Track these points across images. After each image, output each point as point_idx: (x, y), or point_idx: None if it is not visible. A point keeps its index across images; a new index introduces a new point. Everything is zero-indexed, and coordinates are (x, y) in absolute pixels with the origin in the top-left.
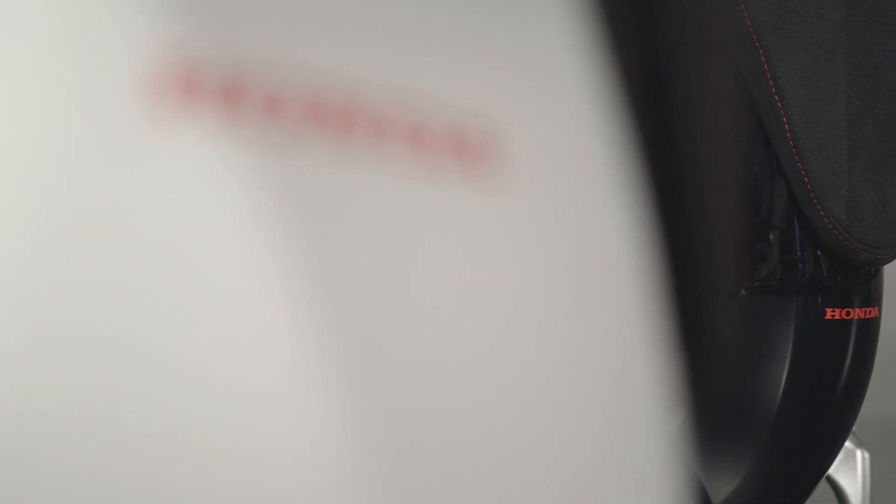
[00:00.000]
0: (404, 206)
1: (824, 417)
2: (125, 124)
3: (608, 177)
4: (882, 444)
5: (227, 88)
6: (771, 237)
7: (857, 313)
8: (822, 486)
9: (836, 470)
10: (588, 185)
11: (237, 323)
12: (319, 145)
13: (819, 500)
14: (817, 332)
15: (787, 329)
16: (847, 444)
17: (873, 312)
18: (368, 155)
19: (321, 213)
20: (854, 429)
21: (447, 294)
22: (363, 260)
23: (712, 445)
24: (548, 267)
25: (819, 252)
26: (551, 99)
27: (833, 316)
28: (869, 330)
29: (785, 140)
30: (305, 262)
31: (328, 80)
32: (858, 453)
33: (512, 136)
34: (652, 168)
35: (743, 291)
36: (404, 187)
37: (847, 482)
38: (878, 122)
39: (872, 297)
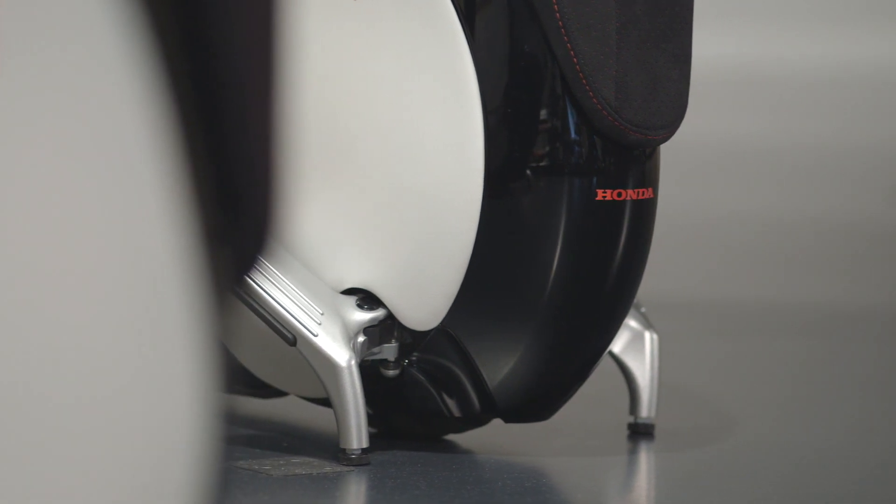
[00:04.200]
0: None
1: (598, 297)
2: None
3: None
4: (673, 326)
5: None
6: (544, 119)
7: (629, 194)
8: (613, 367)
9: (624, 351)
10: (87, 56)
11: None
12: None
13: (608, 380)
14: (589, 212)
15: (558, 210)
16: (635, 325)
17: (647, 193)
18: None
19: None
20: (643, 310)
21: None
22: None
23: (486, 326)
24: (46, 138)
25: (594, 134)
26: None
27: (605, 197)
28: (643, 211)
29: (554, 21)
30: None
31: None
32: (647, 335)
33: None
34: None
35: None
36: None
37: (635, 364)
38: (648, 3)
39: (647, 179)
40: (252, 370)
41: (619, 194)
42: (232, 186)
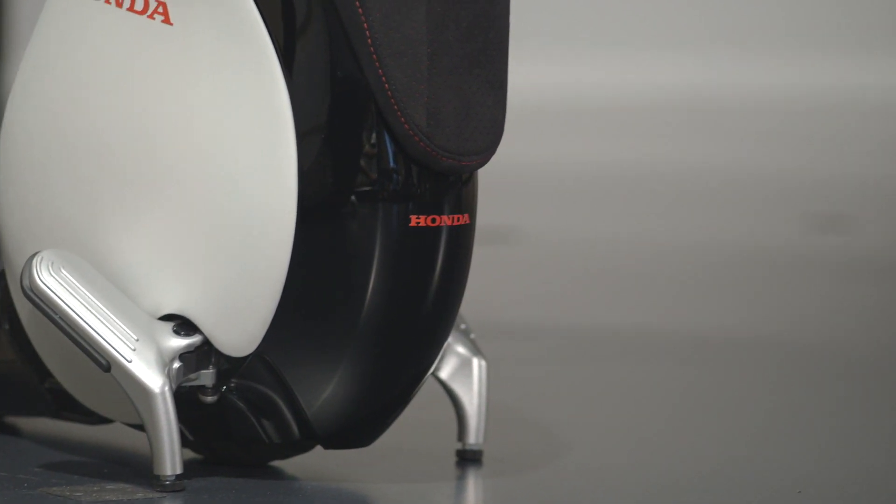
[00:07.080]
0: None
1: (415, 323)
2: None
3: None
4: (501, 352)
5: None
6: (358, 145)
7: (445, 220)
8: (442, 393)
9: (452, 377)
10: None
11: None
12: None
13: (437, 406)
14: (404, 238)
15: (372, 236)
16: (464, 351)
17: (464, 219)
18: None
19: None
20: (473, 336)
21: None
22: None
23: (302, 352)
24: None
25: (408, 160)
26: None
27: (419, 223)
28: (460, 236)
29: (366, 46)
30: None
31: None
32: (475, 361)
33: None
34: None
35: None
36: None
37: (463, 390)
38: (460, 29)
39: (463, 205)
40: (76, 396)
41: (434, 220)
42: None
